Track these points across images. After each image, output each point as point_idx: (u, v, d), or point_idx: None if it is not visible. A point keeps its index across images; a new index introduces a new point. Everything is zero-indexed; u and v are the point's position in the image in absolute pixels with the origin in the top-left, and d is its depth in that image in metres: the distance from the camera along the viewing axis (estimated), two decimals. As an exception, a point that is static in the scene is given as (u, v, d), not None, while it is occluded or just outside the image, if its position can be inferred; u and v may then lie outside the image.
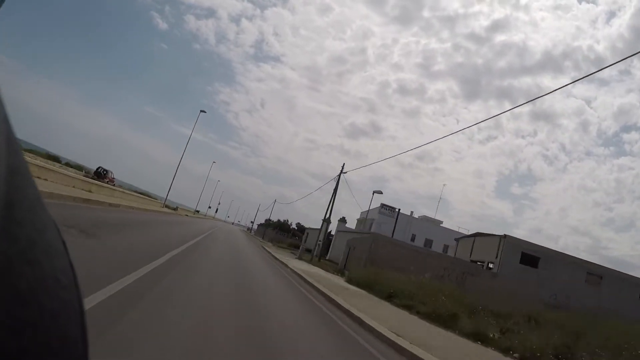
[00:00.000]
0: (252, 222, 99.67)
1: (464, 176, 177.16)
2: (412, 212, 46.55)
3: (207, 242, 16.94)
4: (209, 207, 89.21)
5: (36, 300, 0.33)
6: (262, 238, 58.31)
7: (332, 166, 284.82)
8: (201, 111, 41.94)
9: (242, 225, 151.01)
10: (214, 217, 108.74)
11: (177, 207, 49.51)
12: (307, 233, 54.96)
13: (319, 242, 33.39)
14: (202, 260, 10.46)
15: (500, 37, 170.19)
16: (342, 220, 47.97)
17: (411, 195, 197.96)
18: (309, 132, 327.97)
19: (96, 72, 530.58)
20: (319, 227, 35.19)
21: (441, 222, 48.06)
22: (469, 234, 34.72)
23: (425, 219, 47.48)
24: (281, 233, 67.80)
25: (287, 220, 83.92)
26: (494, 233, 28.02)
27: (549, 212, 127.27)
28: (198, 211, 79.07)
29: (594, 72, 32.82)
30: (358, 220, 50.60)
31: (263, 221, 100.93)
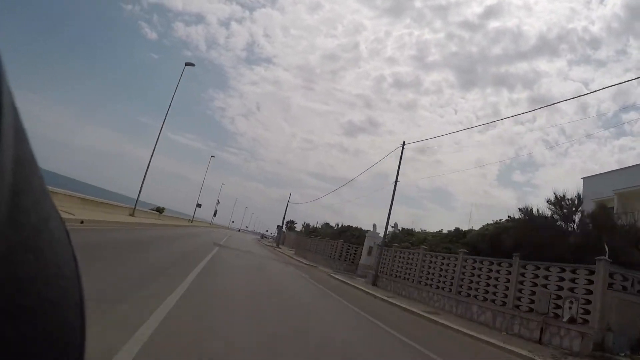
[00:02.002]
0: (280, 225, 60.83)
1: (465, 167, 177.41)
2: None
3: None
4: (198, 205, 58.29)
5: (37, 288, 0.34)
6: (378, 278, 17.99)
7: (332, 165, 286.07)
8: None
9: (248, 231, 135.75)
10: (211, 224, 78.48)
11: None
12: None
13: None
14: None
15: (494, 24, 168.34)
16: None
17: (414, 189, 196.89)
18: (306, 132, 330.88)
19: (87, 86, 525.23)
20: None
21: None
22: None
23: None
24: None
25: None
26: None
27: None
28: (161, 209, 38.12)
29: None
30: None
31: (284, 226, 63.42)
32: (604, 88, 33.14)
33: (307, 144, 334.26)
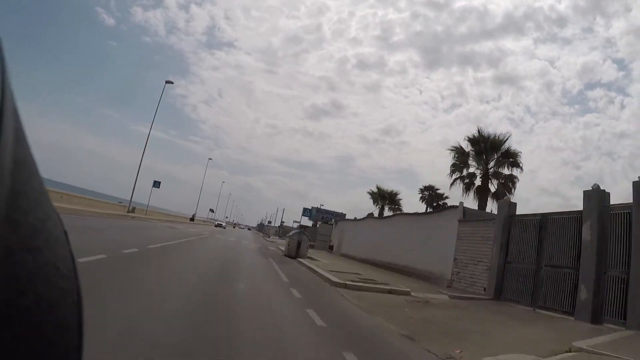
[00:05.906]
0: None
1: (431, 147, 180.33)
2: None
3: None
4: (211, 210, 47.33)
5: (35, 288, 0.34)
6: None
7: (297, 149, 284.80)
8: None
9: (218, 220, 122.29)
10: (131, 212, 32.04)
11: None
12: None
13: None
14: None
15: (460, 2, 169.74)
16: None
17: (380, 171, 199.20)
18: (269, 117, 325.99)
19: (45, 79, 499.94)
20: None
21: None
22: None
23: None
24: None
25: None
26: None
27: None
28: None
29: None
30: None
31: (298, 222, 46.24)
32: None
33: (271, 129, 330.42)
